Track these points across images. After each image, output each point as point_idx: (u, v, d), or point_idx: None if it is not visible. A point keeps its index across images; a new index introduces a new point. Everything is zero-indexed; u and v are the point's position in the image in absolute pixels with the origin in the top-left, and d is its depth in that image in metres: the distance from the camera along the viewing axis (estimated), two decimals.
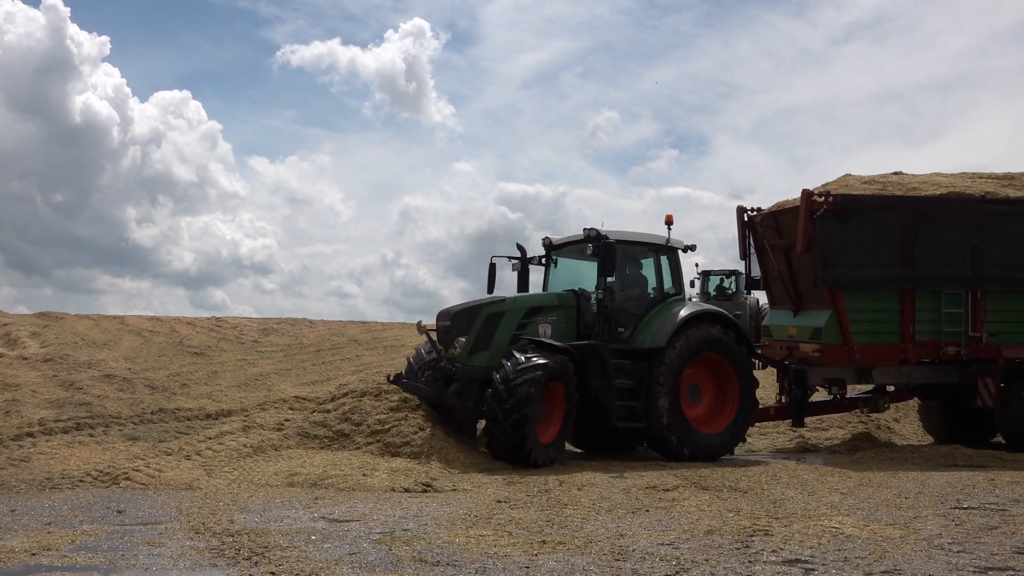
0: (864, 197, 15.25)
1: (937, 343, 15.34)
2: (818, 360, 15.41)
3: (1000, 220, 15.40)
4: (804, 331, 15.83)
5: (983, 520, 8.85)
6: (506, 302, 14.13)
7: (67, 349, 17.31)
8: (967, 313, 15.36)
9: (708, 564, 6.65)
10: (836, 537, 7.83)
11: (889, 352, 15.33)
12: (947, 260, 15.25)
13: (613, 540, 7.57)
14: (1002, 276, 15.44)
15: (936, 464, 14.02)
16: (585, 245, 14.76)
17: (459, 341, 13.59)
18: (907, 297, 15.23)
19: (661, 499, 10.07)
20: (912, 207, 15.21)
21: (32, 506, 9.07)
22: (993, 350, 15.41)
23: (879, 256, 15.11)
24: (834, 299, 15.03)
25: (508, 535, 7.72)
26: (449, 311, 14.05)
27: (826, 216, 14.69)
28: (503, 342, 13.68)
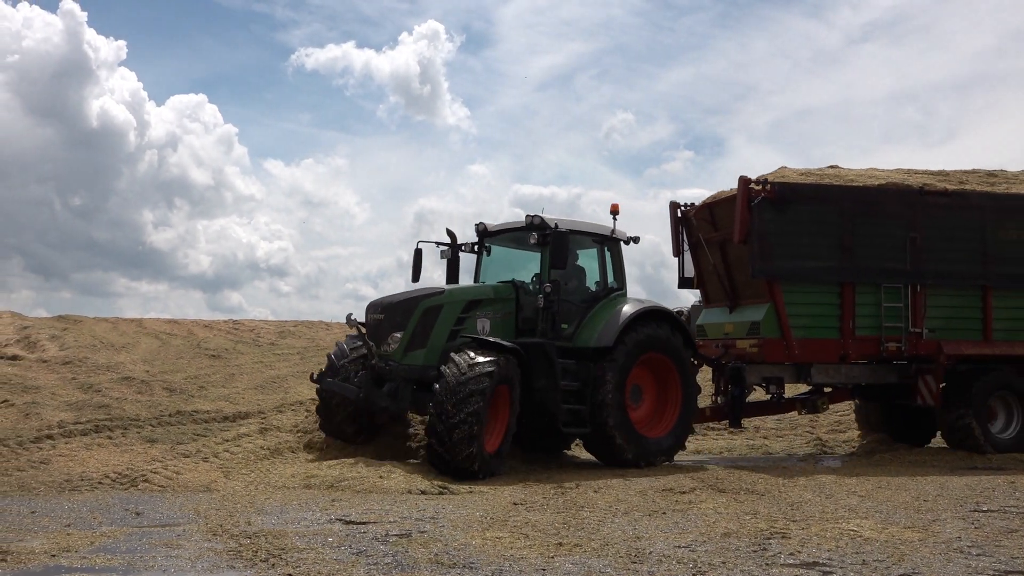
0: (802, 186, 14.86)
1: (877, 339, 14.87)
2: (756, 356, 14.84)
3: (938, 213, 15.05)
4: (741, 327, 15.27)
5: (1003, 523, 8.79)
6: (444, 294, 12.95)
7: (86, 352, 17.42)
8: (907, 308, 14.97)
9: (725, 567, 6.63)
10: (854, 540, 7.79)
11: (828, 347, 14.87)
12: (886, 253, 14.88)
13: (630, 542, 7.55)
14: (940, 270, 15.07)
15: (955, 467, 13.93)
16: (522, 233, 13.81)
17: (394, 337, 12.46)
18: (846, 290, 14.79)
19: (678, 501, 10.04)
20: (851, 197, 14.85)
21: (52, 508, 9.13)
22: (933, 347, 15.02)
23: (818, 247, 14.67)
24: (772, 292, 14.56)
25: (524, 537, 7.71)
26: (381, 303, 12.89)
27: (764, 205, 14.25)
28: (441, 339, 12.59)
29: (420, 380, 12.23)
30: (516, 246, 14.36)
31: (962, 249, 15.17)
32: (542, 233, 13.19)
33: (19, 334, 18.71)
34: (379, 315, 12.69)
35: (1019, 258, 15.35)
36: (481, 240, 14.49)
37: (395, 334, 12.43)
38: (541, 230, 13.24)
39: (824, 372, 15.19)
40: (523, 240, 13.79)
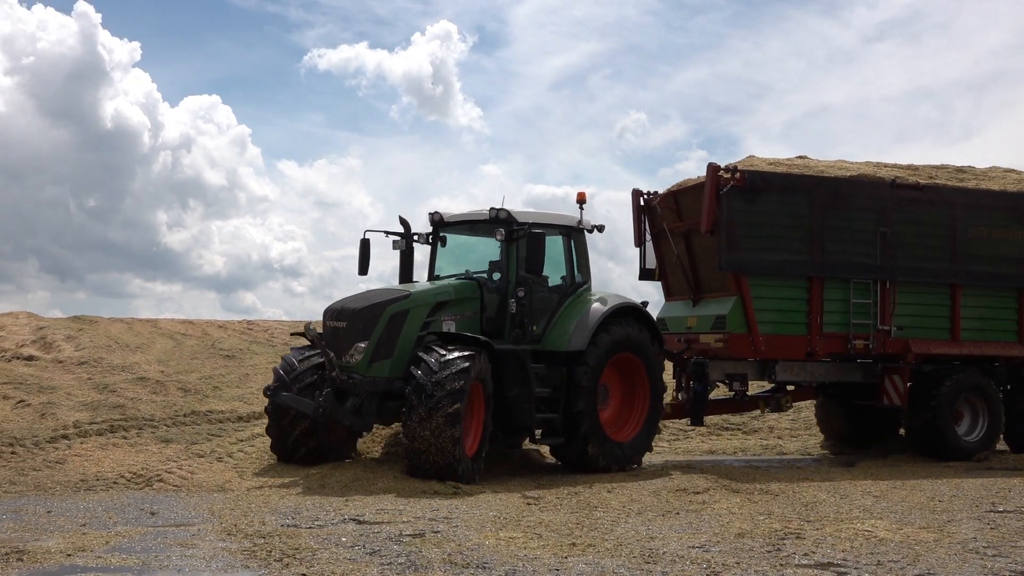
0: (772, 175, 14.26)
1: (845, 336, 14.33)
2: (721, 352, 14.19)
3: (909, 207, 14.60)
4: (705, 321, 14.57)
5: (1019, 524, 8.74)
6: (410, 298, 11.76)
7: (101, 352, 17.50)
8: (876, 305, 14.45)
9: (739, 567, 6.61)
10: (869, 540, 7.76)
11: (795, 344, 14.29)
12: (856, 247, 14.35)
13: (643, 543, 7.54)
14: (911, 266, 14.57)
15: (970, 468, 13.85)
16: (480, 224, 12.94)
17: (357, 347, 11.33)
18: (815, 285, 14.23)
19: (691, 502, 10.02)
20: (822, 189, 14.28)
21: (67, 507, 9.17)
22: (901, 345, 14.55)
23: (787, 240, 14.12)
24: (739, 285, 13.91)
25: (538, 537, 7.70)
26: (343, 309, 11.68)
27: (733, 193, 13.61)
28: (408, 347, 11.43)
29: (386, 393, 11.31)
30: (471, 233, 13.49)
31: (932, 245, 14.75)
32: (509, 229, 12.26)
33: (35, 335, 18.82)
34: (339, 323, 11.58)
35: (989, 256, 14.92)
36: (436, 230, 13.37)
37: (359, 344, 11.33)
38: (507, 225, 12.28)
39: (788, 370, 14.65)
40: (480, 229, 13.13)
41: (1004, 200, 15.17)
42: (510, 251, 12.38)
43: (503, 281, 12.47)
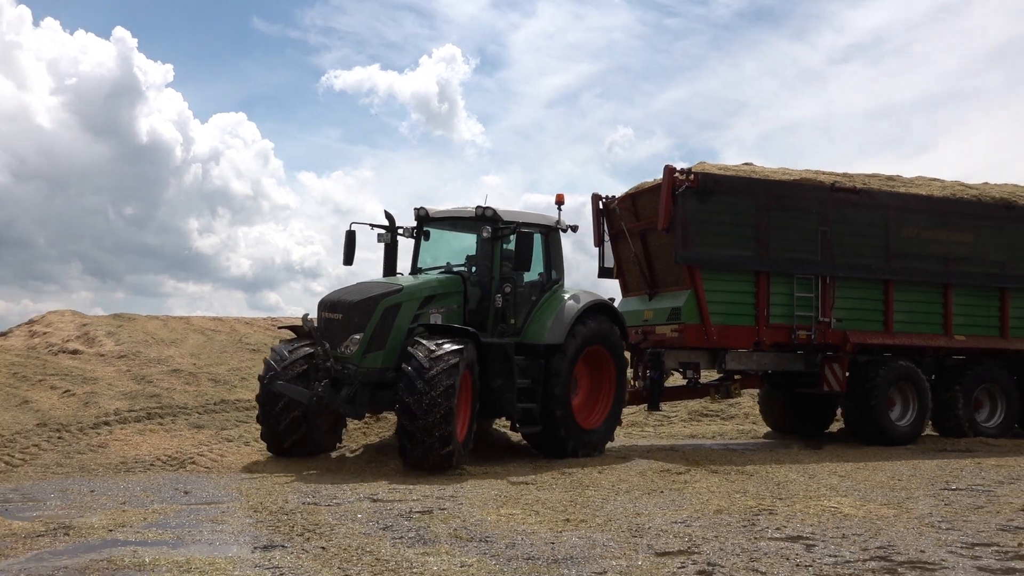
0: (723, 177, 14.11)
1: (790, 327, 14.29)
2: (676, 341, 14.04)
3: (847, 209, 14.59)
4: (661, 313, 14.48)
5: (970, 500, 8.75)
6: (403, 292, 11.26)
7: (139, 347, 17.47)
8: (817, 298, 14.43)
9: (717, 540, 6.61)
10: (835, 516, 7.77)
11: (744, 334, 14.20)
12: (799, 245, 14.33)
13: (631, 518, 7.55)
14: (848, 263, 14.56)
15: (926, 450, 13.87)
16: (464, 220, 12.44)
17: (352, 339, 10.81)
18: (762, 280, 14.17)
19: (674, 481, 10.03)
20: (767, 190, 14.22)
21: (108, 487, 9.17)
22: (840, 336, 14.52)
23: (736, 237, 14.05)
24: (693, 279, 13.83)
25: (535, 514, 7.71)
26: (339, 301, 11.10)
27: (687, 194, 13.55)
28: (399, 338, 10.96)
29: (379, 383, 10.82)
30: (453, 229, 12.95)
31: (868, 244, 14.73)
32: (495, 227, 11.88)
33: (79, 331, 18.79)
34: (335, 315, 11.04)
35: (917, 254, 14.97)
36: (421, 225, 12.81)
37: (354, 336, 10.80)
38: (493, 223, 11.90)
39: (737, 359, 14.61)
40: (462, 225, 12.67)
41: (932, 204, 15.20)
42: (495, 248, 11.97)
43: (486, 276, 12.04)
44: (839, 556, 6.13)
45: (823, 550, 6.32)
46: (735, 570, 5.68)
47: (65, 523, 7.02)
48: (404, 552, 6.04)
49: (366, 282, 11.74)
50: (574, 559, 5.92)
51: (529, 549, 6.20)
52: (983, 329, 15.49)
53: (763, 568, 5.74)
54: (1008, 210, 15.56)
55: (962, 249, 15.24)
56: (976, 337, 15.40)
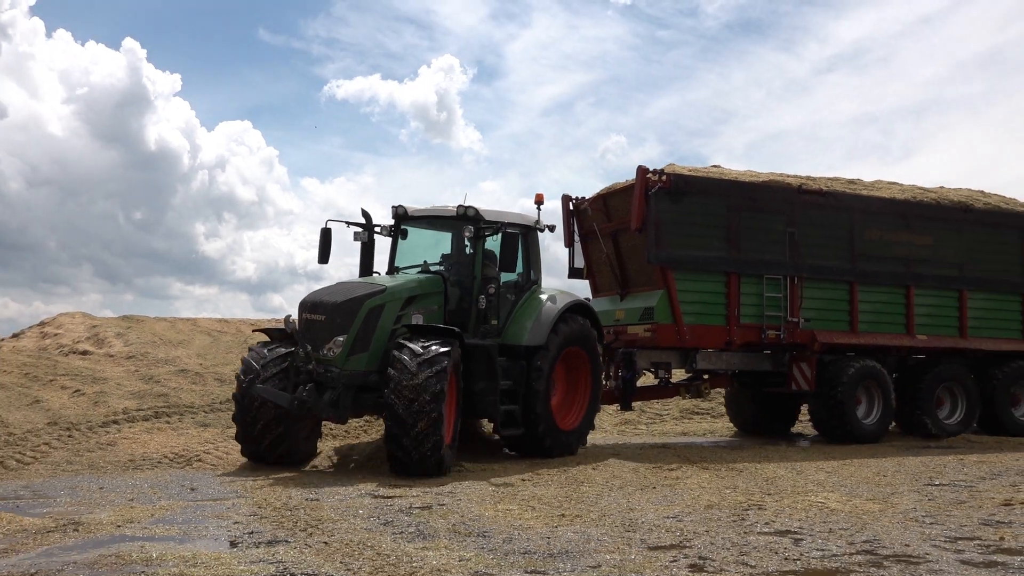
0: (695, 178, 13.82)
1: (759, 327, 14.10)
2: (649, 341, 13.75)
3: (813, 211, 14.46)
4: (633, 313, 14.17)
5: (953, 496, 8.75)
6: (387, 292, 10.63)
7: (147, 348, 17.44)
8: (786, 299, 14.24)
9: (708, 535, 6.60)
10: (822, 511, 7.76)
11: (716, 334, 13.98)
12: (768, 246, 14.15)
13: (624, 514, 7.54)
14: (815, 264, 14.40)
15: (911, 447, 13.87)
16: (443, 219, 11.89)
17: (336, 341, 10.20)
18: (732, 280, 13.95)
19: (666, 478, 10.01)
20: (737, 192, 14.06)
21: (117, 484, 9.15)
22: (808, 336, 14.34)
23: (707, 238, 13.83)
24: (665, 279, 13.57)
25: (531, 509, 7.70)
26: (322, 302, 10.40)
27: (660, 194, 13.31)
28: (383, 340, 10.41)
29: (362, 386, 10.25)
30: (431, 227, 12.34)
31: (833, 246, 14.60)
32: (477, 226, 11.38)
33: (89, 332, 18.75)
34: (317, 316, 10.35)
35: (880, 256, 14.87)
36: (398, 224, 12.17)
37: (337, 337, 10.19)
38: (475, 222, 11.37)
39: (707, 358, 14.41)
40: (440, 224, 12.12)
41: (894, 206, 15.14)
42: (477, 247, 11.50)
43: (467, 276, 11.55)
44: (826, 550, 6.12)
45: (810, 544, 6.31)
46: (725, 564, 5.67)
47: (74, 519, 7.00)
48: (404, 546, 6.03)
49: (347, 282, 11.15)
50: (569, 553, 5.90)
51: (526, 544, 6.19)
52: (943, 329, 15.41)
53: (752, 561, 5.73)
54: (966, 213, 15.53)
55: (923, 251, 15.19)
56: (937, 337, 15.33)
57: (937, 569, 5.55)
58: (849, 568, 5.59)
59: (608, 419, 17.03)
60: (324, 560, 5.63)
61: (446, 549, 5.95)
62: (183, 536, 6.43)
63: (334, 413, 10.20)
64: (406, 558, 5.67)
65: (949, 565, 5.66)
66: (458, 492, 8.64)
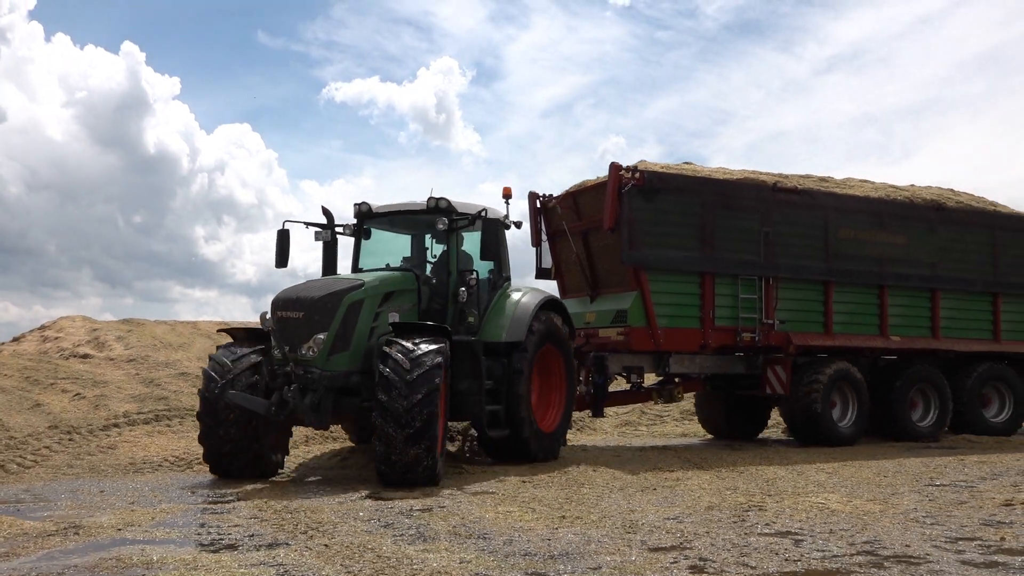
0: (669, 175, 13.29)
1: (735, 329, 13.60)
2: (622, 344, 13.14)
3: (788, 209, 14.00)
4: (604, 316, 13.53)
5: (954, 496, 8.74)
6: (365, 287, 9.94)
7: (147, 351, 17.44)
8: (760, 300, 13.77)
9: (709, 536, 6.60)
10: (822, 511, 7.75)
11: (690, 337, 13.43)
12: (743, 246, 13.65)
13: (625, 515, 7.53)
14: (790, 264, 13.94)
15: (911, 447, 13.86)
16: (408, 216, 11.18)
17: (316, 339, 9.47)
18: (707, 281, 13.44)
19: (667, 479, 10.01)
20: (712, 190, 13.51)
21: (118, 487, 9.14)
22: (783, 338, 13.87)
23: (682, 237, 13.28)
24: (639, 280, 12.99)
25: (532, 511, 7.69)
26: (300, 298, 9.66)
27: (633, 192, 12.74)
28: (363, 338, 9.77)
29: (343, 388, 9.59)
30: (396, 225, 11.60)
31: (808, 245, 14.17)
32: (451, 218, 10.69)
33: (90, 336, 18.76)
34: (294, 313, 9.58)
35: (854, 256, 14.47)
36: (361, 222, 11.41)
37: (318, 336, 9.47)
38: (447, 214, 10.66)
39: (680, 362, 13.81)
40: (405, 221, 11.42)
41: (868, 205, 14.79)
42: (451, 241, 10.89)
43: (441, 272, 10.99)
44: (827, 551, 6.11)
45: (811, 545, 6.31)
46: (726, 565, 5.66)
47: (75, 522, 6.99)
48: (405, 549, 6.02)
49: (322, 278, 10.58)
50: (570, 555, 5.90)
51: (526, 545, 6.18)
52: (916, 330, 15.12)
53: (753, 563, 5.72)
54: (938, 212, 15.24)
55: (896, 250, 14.87)
56: (910, 338, 15.03)
57: (938, 570, 5.54)
58: (850, 569, 5.59)
59: (609, 421, 17.03)
60: (325, 563, 5.62)
61: (447, 551, 5.94)
62: (184, 539, 6.42)
63: (316, 418, 9.44)
64: (407, 560, 5.66)
65: (950, 565, 5.66)
66: (458, 494, 8.63)
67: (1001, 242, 15.76)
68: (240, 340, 10.11)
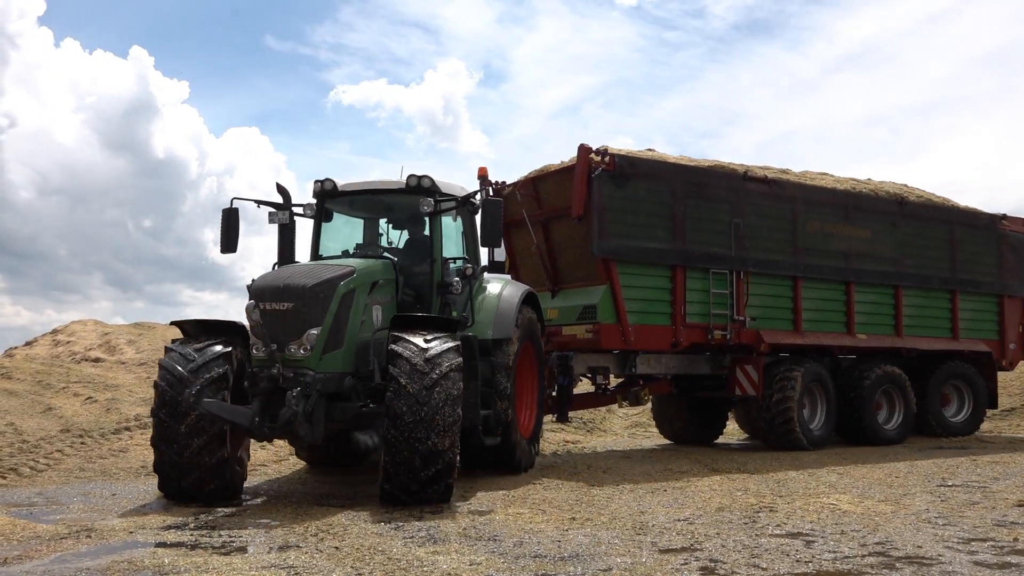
0: (640, 160, 12.38)
1: (706, 326, 12.71)
2: (591, 343, 12.11)
3: (758, 200, 13.24)
4: (569, 312, 12.41)
5: (966, 496, 8.69)
6: (357, 275, 8.52)
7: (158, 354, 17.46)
8: (732, 295, 12.93)
9: (719, 537, 6.58)
10: (834, 512, 7.72)
11: (661, 334, 12.48)
12: (714, 237, 12.81)
13: (635, 516, 7.52)
14: (760, 258, 13.16)
15: (923, 448, 13.80)
16: (379, 197, 9.94)
17: (310, 335, 7.98)
18: (678, 274, 12.52)
19: (677, 480, 9.99)
20: (683, 177, 12.63)
21: (129, 491, 9.17)
22: (754, 335, 13.05)
23: (652, 228, 12.33)
24: (609, 272, 11.98)
25: (542, 513, 7.68)
26: (291, 287, 8.10)
27: (603, 177, 11.79)
28: (355, 334, 8.40)
29: (336, 393, 8.15)
30: (350, 211, 10.29)
31: (777, 238, 13.42)
32: (438, 199, 9.39)
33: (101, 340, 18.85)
34: (284, 304, 8.01)
35: (821, 250, 13.81)
36: (322, 202, 9.94)
37: (311, 331, 7.99)
38: (431, 194, 9.40)
39: (646, 362, 12.86)
40: (367, 206, 10.20)
41: (834, 197, 14.16)
42: (435, 224, 9.60)
43: (415, 260, 9.73)
44: (838, 552, 6.09)
45: (822, 546, 6.28)
46: (737, 566, 5.64)
47: (87, 526, 7.02)
48: (415, 551, 6.02)
49: (307, 263, 9.21)
50: (580, 556, 5.89)
51: (536, 547, 6.18)
52: (880, 328, 14.56)
53: (764, 564, 5.70)
54: (900, 206, 14.77)
55: (860, 245, 14.25)
56: (876, 336, 14.47)
57: (950, 571, 5.51)
58: (861, 570, 5.56)
59: (618, 422, 17.02)
60: (335, 565, 5.63)
61: (457, 553, 5.94)
62: (195, 542, 6.43)
63: (310, 430, 7.87)
64: (417, 562, 5.66)
65: (962, 566, 5.62)
66: (468, 496, 8.63)
67: (958, 238, 15.36)
68: (190, 334, 8.62)
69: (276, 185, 9.69)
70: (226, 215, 9.43)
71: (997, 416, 17.66)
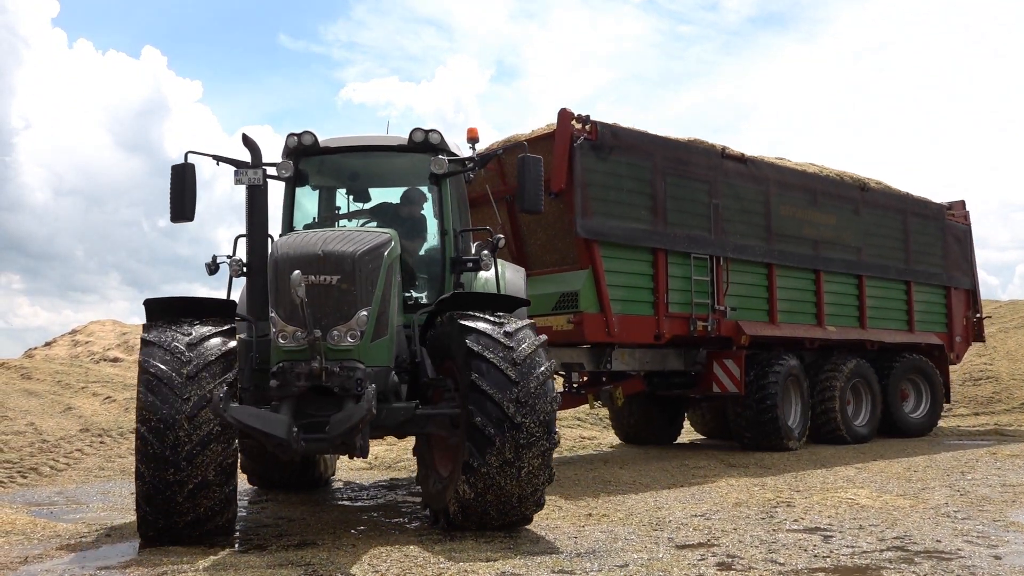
0: (623, 131, 11.17)
1: (688, 316, 11.62)
2: (572, 335, 10.74)
3: (735, 180, 12.34)
4: (544, 301, 10.82)
5: (985, 491, 8.64)
6: (394, 243, 6.66)
7: None
8: (712, 283, 11.90)
9: (737, 533, 6.57)
10: (852, 507, 7.69)
11: (644, 325, 11.26)
12: (694, 219, 11.79)
13: (652, 512, 7.51)
14: (738, 243, 12.20)
15: (941, 441, 13.71)
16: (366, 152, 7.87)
17: (360, 318, 6.10)
18: (660, 258, 11.37)
19: (694, 476, 9.97)
20: (664, 152, 11.51)
21: None
22: (734, 327, 12.07)
23: (634, 206, 11.16)
24: (591, 255, 10.69)
25: (558, 509, 7.69)
26: (336, 255, 6.12)
27: (585, 147, 10.59)
28: (395, 315, 6.60)
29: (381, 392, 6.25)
30: (331, 176, 8.37)
31: (753, 223, 12.53)
32: (451, 158, 7.66)
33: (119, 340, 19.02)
34: (326, 278, 6.07)
35: (795, 236, 13.02)
36: (297, 161, 7.81)
37: (360, 312, 6.12)
38: (440, 151, 7.64)
39: (619, 356, 11.58)
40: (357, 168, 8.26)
41: (804, 180, 13.42)
42: (443, 190, 7.71)
43: (413, 232, 8.05)
44: (856, 547, 6.06)
45: (840, 541, 6.26)
46: (754, 562, 5.63)
47: (106, 523, 7.08)
48: (431, 548, 6.04)
49: (340, 228, 7.47)
50: (597, 552, 5.89)
51: (553, 543, 6.18)
52: (846, 319, 13.84)
53: (781, 559, 5.68)
54: (863, 191, 14.16)
55: (827, 231, 13.56)
56: (844, 328, 13.74)
57: (970, 565, 5.47)
58: (880, 565, 5.54)
59: None
60: (352, 562, 5.65)
61: (473, 550, 5.95)
62: (213, 539, 6.47)
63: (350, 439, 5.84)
64: (433, 560, 5.68)
65: (982, 560, 5.59)
66: None
67: (912, 228, 14.94)
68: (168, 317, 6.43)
69: (243, 137, 7.36)
70: (178, 172, 7.30)
71: (1017, 409, 17.54)
